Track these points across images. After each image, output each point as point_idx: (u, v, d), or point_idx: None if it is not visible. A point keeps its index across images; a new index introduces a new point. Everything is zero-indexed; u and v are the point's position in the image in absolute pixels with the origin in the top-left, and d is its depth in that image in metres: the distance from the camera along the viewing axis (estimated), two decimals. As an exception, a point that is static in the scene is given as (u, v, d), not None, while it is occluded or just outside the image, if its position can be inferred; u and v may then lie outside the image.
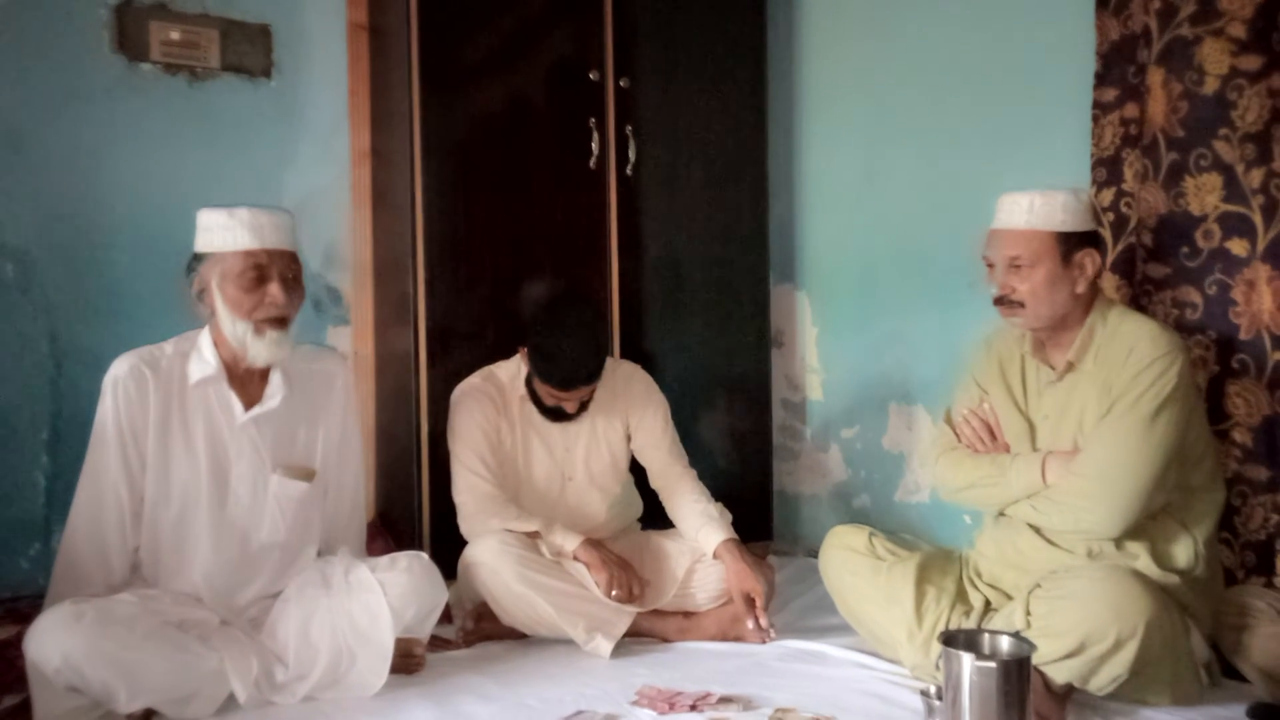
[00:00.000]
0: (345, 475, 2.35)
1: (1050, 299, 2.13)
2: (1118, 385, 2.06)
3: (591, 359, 2.50)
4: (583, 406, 2.59)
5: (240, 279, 2.10)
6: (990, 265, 2.20)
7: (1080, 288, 2.13)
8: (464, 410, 2.59)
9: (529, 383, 2.57)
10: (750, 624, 2.47)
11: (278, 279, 2.12)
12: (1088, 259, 2.13)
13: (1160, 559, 2.07)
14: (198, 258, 2.14)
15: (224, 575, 2.17)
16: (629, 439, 2.71)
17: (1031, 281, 2.12)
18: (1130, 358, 2.06)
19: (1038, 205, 2.12)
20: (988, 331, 2.35)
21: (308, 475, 2.24)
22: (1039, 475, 2.12)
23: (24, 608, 2.36)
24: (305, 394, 2.26)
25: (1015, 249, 2.14)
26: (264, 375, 2.20)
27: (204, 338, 2.17)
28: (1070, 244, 2.12)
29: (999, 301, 2.17)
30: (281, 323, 2.14)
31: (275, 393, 2.19)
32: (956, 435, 2.32)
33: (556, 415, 2.58)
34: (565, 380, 2.48)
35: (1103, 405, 2.08)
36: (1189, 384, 2.08)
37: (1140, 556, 2.06)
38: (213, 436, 2.16)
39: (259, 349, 2.12)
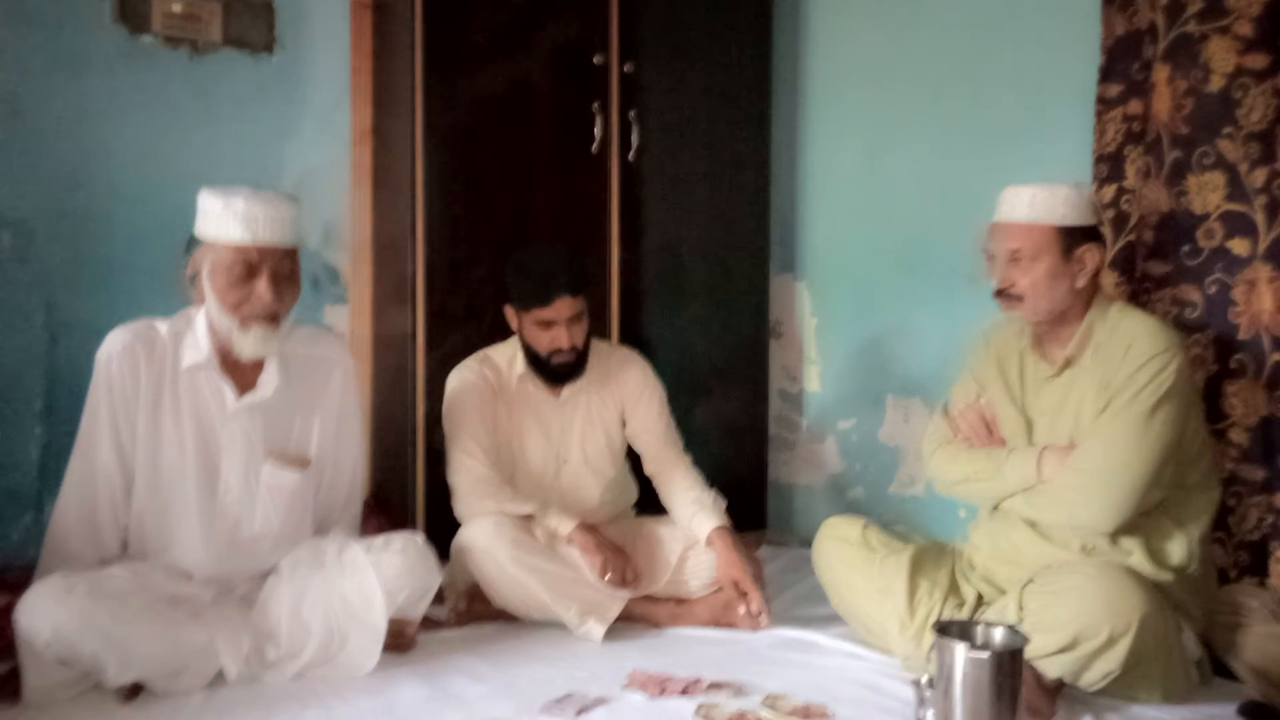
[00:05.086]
0: (342, 464, 2.30)
1: (1050, 293, 2.12)
2: (1116, 381, 2.06)
3: (567, 267, 2.48)
4: (581, 361, 2.55)
5: (228, 273, 2.02)
6: (990, 258, 2.19)
7: (1080, 282, 2.13)
8: (460, 393, 2.58)
9: (527, 353, 2.55)
10: (740, 610, 2.47)
11: (268, 276, 2.03)
12: (1088, 254, 2.13)
13: (1154, 556, 2.07)
14: (195, 240, 2.07)
15: (214, 563, 2.15)
16: (624, 424, 2.70)
17: (1032, 275, 2.12)
18: (1129, 354, 2.05)
19: (1039, 198, 2.12)
20: (986, 326, 2.35)
21: (301, 464, 2.20)
22: (1034, 470, 2.12)
23: (14, 578, 2.35)
24: (302, 381, 2.20)
25: (1016, 242, 2.13)
26: (259, 362, 2.13)
27: (199, 319, 2.11)
28: (1072, 238, 2.12)
29: (999, 294, 2.17)
30: (270, 319, 2.06)
31: (269, 381, 2.14)
32: (953, 429, 2.32)
33: (558, 375, 2.56)
34: (544, 288, 2.45)
35: (1100, 401, 2.08)
36: (1187, 381, 2.08)
37: (1134, 553, 2.06)
38: (203, 423, 2.12)
39: (244, 344, 2.06)
